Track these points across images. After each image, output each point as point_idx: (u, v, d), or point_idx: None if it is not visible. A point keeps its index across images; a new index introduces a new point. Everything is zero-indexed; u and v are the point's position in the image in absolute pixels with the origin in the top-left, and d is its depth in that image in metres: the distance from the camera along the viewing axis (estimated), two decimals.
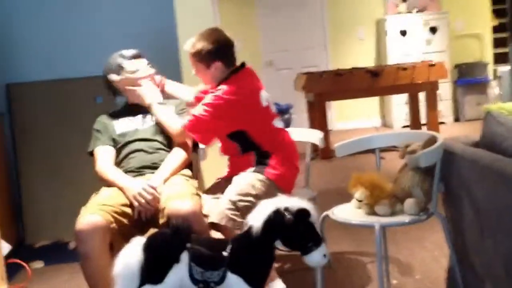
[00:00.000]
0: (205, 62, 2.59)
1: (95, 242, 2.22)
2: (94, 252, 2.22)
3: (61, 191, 3.92)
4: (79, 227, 2.24)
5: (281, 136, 2.66)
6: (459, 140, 2.29)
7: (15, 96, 3.99)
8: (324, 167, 5.73)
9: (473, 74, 8.13)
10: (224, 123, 2.56)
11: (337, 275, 2.92)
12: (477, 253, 2.13)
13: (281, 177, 2.59)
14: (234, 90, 2.53)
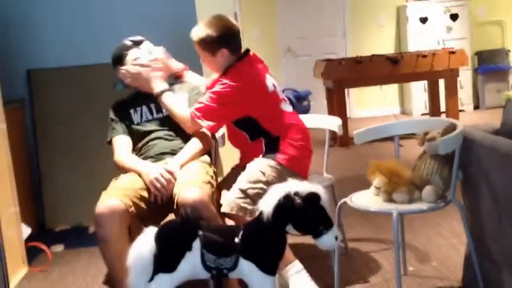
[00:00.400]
0: (211, 50, 2.57)
1: (113, 226, 2.23)
2: (112, 236, 2.24)
3: (81, 176, 3.95)
4: (99, 211, 2.25)
5: (290, 119, 2.62)
6: (479, 127, 2.24)
7: (35, 82, 4.01)
8: (343, 154, 5.69)
9: (494, 61, 7.97)
10: (231, 110, 2.54)
11: (354, 261, 2.90)
12: (496, 241, 2.09)
13: (293, 161, 2.55)
14: (240, 77, 2.52)
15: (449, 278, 2.59)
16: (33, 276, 3.13)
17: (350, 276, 2.70)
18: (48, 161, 4.00)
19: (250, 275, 1.98)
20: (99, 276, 2.99)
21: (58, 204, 3.98)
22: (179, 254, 1.98)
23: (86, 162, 3.95)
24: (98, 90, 3.97)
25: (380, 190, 2.32)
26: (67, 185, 3.97)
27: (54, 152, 3.99)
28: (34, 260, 3.32)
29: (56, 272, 3.15)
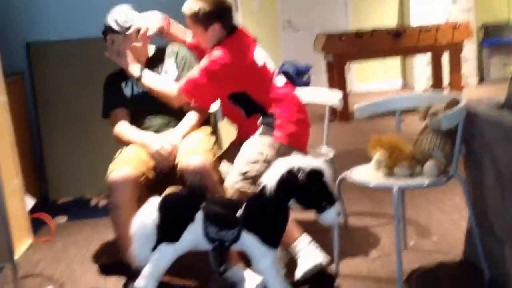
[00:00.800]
0: (203, 24, 2.52)
1: (126, 194, 2.29)
2: (125, 203, 2.29)
3: (83, 149, 3.95)
4: (112, 178, 2.31)
5: (283, 93, 2.58)
6: (483, 101, 2.22)
7: (35, 55, 3.98)
8: (343, 129, 5.67)
9: (500, 35, 7.85)
10: (220, 85, 2.51)
11: (354, 235, 2.90)
12: (498, 216, 2.09)
13: (291, 137, 2.52)
14: (228, 52, 2.47)
15: (450, 252, 2.59)
16: (37, 246, 3.17)
17: (350, 250, 2.71)
18: (49, 134, 4.00)
19: (251, 248, 2.00)
20: (101, 247, 3.05)
21: (60, 176, 3.99)
22: (182, 225, 2.01)
23: (88, 135, 3.95)
24: (99, 63, 3.86)
25: (381, 165, 2.31)
26: (69, 157, 3.98)
27: (55, 124, 3.99)
28: (39, 231, 3.36)
29: (60, 243, 3.19)
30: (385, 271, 2.46)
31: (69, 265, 2.86)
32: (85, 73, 3.96)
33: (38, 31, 3.95)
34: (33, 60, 3.98)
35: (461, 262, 2.48)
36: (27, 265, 2.88)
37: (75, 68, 3.97)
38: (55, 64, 3.97)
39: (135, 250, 2.03)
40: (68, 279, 2.68)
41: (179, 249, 2.03)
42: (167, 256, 2.03)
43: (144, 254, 2.04)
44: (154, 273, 2.04)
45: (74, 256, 2.98)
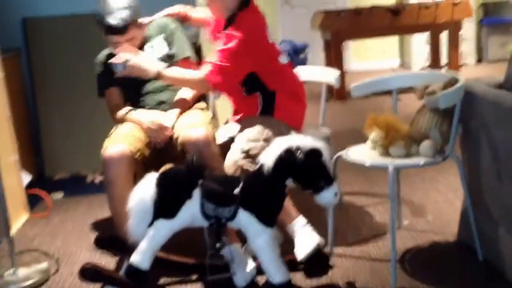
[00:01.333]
0: None
1: (121, 170, 2.28)
2: (120, 179, 2.28)
3: (78, 125, 3.94)
4: (107, 154, 2.29)
5: (286, 73, 2.56)
6: (481, 81, 2.20)
7: (31, 30, 3.94)
8: (339, 108, 5.65)
9: (499, 13, 7.78)
10: (243, 64, 2.42)
11: (349, 215, 2.91)
12: (493, 196, 2.09)
13: (290, 115, 2.51)
14: (247, 28, 2.39)
15: (444, 232, 2.60)
16: (34, 222, 3.18)
17: (345, 229, 2.72)
18: (46, 110, 3.98)
19: (248, 226, 2.01)
20: (97, 223, 3.07)
21: (56, 152, 3.99)
22: (179, 202, 2.01)
23: (84, 112, 3.93)
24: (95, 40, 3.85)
25: (377, 144, 2.30)
26: (65, 134, 3.97)
27: (52, 101, 3.96)
28: (35, 207, 3.37)
29: (56, 219, 3.19)
30: (379, 251, 2.48)
31: (65, 240, 2.87)
32: (81, 49, 3.92)
33: (34, 6, 3.91)
34: (30, 36, 3.94)
35: (455, 242, 2.49)
36: (23, 240, 2.89)
37: (71, 44, 3.93)
38: (52, 40, 3.93)
39: (131, 226, 2.04)
40: (64, 254, 2.69)
41: (176, 225, 2.04)
42: (163, 232, 2.04)
43: (140, 229, 2.04)
44: (149, 248, 2.05)
45: (70, 231, 2.99)
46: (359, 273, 2.29)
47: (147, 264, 2.07)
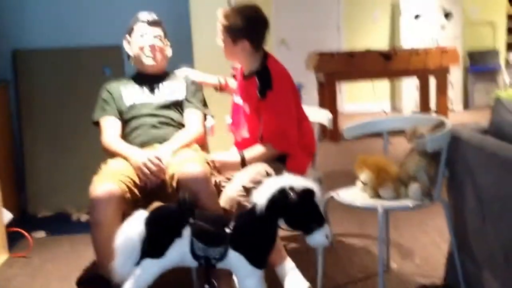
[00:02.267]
0: (233, 38, 2.54)
1: (109, 210, 2.22)
2: (107, 220, 2.22)
3: (65, 162, 3.93)
4: (95, 194, 2.24)
5: (305, 124, 2.67)
6: (467, 126, 2.29)
7: (21, 62, 3.95)
8: (332, 149, 5.74)
9: (484, 62, 8.09)
10: (295, 119, 2.57)
11: (338, 256, 2.95)
12: (478, 240, 2.15)
13: (298, 166, 2.55)
14: (284, 79, 2.55)
15: (431, 275, 2.65)
16: (14, 261, 3.13)
17: (334, 271, 2.76)
18: (32, 146, 3.96)
19: (238, 267, 2.00)
20: (80, 263, 2.97)
21: (41, 190, 3.95)
22: (168, 240, 1.99)
23: (71, 148, 3.93)
24: (85, 73, 3.92)
25: (367, 186, 2.37)
26: (50, 171, 3.95)
27: (38, 136, 3.96)
28: (15, 246, 3.31)
29: (37, 259, 3.15)
30: None
31: (46, 282, 2.83)
32: (71, 82, 3.94)
33: (25, 39, 3.95)
34: (19, 68, 3.96)
35: (442, 286, 2.53)
36: (1, 280, 2.84)
37: (61, 77, 3.95)
38: (41, 72, 3.95)
39: (117, 264, 1.99)
40: None
41: (164, 265, 2.01)
42: (150, 271, 2.00)
43: (126, 268, 2.00)
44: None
45: (51, 272, 2.95)
46: None
47: None
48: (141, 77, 2.74)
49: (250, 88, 2.57)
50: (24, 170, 3.98)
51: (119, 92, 2.69)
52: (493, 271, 2.03)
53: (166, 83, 2.74)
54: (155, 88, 2.71)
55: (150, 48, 2.67)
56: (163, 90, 2.71)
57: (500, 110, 2.08)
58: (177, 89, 2.72)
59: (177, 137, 2.57)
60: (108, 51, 3.93)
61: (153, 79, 2.72)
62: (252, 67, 2.60)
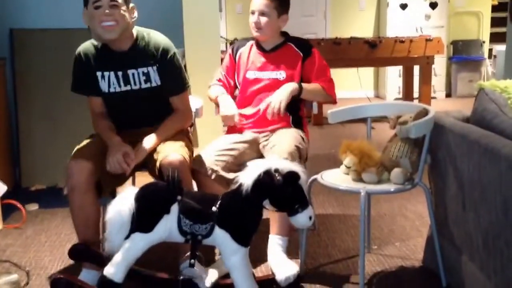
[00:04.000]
0: (279, 12, 2.67)
1: (81, 177, 2.25)
2: (79, 186, 2.25)
3: (58, 137, 3.89)
4: (70, 162, 2.28)
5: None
6: (450, 114, 2.28)
7: (18, 41, 3.91)
8: (316, 133, 5.72)
9: (468, 52, 8.07)
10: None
11: (320, 237, 2.94)
12: (457, 225, 2.14)
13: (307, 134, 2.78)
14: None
15: (411, 258, 2.65)
16: (7, 232, 3.11)
17: (317, 251, 2.75)
18: (27, 121, 3.93)
19: (223, 244, 2.01)
20: (72, 235, 2.97)
21: (34, 163, 3.93)
22: (157, 216, 2.00)
23: (65, 125, 3.90)
24: None
25: (350, 170, 2.35)
26: (44, 145, 3.92)
27: (33, 112, 3.93)
28: (9, 217, 3.31)
29: (30, 230, 3.14)
30: (348, 273, 2.51)
31: (38, 252, 2.83)
32: (65, 63, 3.84)
33: (22, 19, 3.90)
34: (16, 46, 3.91)
35: (421, 267, 2.54)
36: None
37: (56, 57, 3.90)
38: (37, 52, 3.91)
39: (108, 237, 2.02)
40: (36, 266, 2.65)
41: (152, 240, 2.03)
42: (139, 245, 2.02)
43: (116, 241, 2.02)
44: (124, 261, 2.03)
45: (44, 243, 2.94)
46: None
47: (121, 277, 2.04)
48: (112, 55, 2.45)
49: (286, 55, 2.73)
50: (19, 145, 3.94)
51: (93, 73, 2.49)
52: (472, 255, 2.03)
53: (140, 69, 2.44)
54: (129, 75, 2.45)
55: (105, 19, 2.32)
56: (138, 77, 2.46)
57: (483, 99, 2.06)
58: (151, 74, 2.46)
59: (161, 130, 2.46)
60: None
61: (125, 60, 2.44)
62: (277, 40, 2.76)
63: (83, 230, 2.32)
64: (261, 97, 2.70)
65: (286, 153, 2.36)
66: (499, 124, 1.91)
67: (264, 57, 2.75)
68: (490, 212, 1.81)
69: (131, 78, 2.46)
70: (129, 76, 2.45)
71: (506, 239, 1.72)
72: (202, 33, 3.82)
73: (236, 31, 7.49)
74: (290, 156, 2.35)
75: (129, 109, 2.52)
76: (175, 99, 2.54)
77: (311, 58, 2.74)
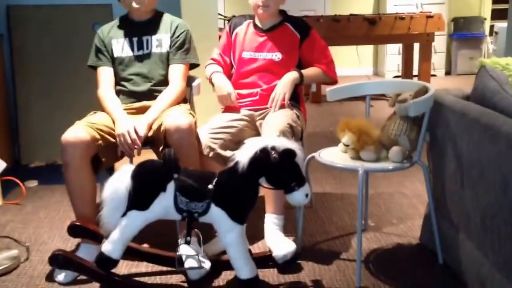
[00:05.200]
0: None
1: (76, 153, 2.24)
2: (74, 162, 2.25)
3: (57, 114, 3.86)
4: (64, 137, 2.28)
5: None
6: (450, 92, 2.23)
7: (14, 17, 3.84)
8: (314, 111, 5.68)
9: (469, 29, 7.96)
10: None
11: (318, 214, 2.92)
12: (455, 203, 2.12)
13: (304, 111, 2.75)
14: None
15: (408, 235, 2.63)
16: (7, 208, 3.11)
17: (314, 228, 2.73)
18: (25, 99, 3.88)
19: (219, 222, 2.00)
20: (71, 212, 2.97)
21: (33, 141, 3.90)
22: (153, 194, 1.99)
23: (63, 101, 3.85)
24: (75, 29, 3.85)
25: (349, 148, 2.31)
26: (43, 122, 3.88)
27: (32, 89, 3.88)
28: (9, 194, 3.30)
29: (29, 206, 3.13)
30: (345, 250, 2.49)
31: (37, 228, 2.82)
32: (63, 39, 3.86)
33: None
34: (13, 23, 3.85)
35: (418, 245, 2.52)
36: None
37: (54, 33, 3.85)
38: (35, 28, 3.84)
39: (105, 214, 2.01)
40: (36, 242, 2.64)
41: (149, 217, 2.02)
42: (136, 223, 2.02)
43: (113, 219, 2.02)
44: (121, 238, 2.03)
45: (43, 219, 2.93)
46: (325, 272, 2.29)
47: (118, 254, 2.06)
48: (131, 24, 2.66)
49: (282, 36, 2.69)
50: (18, 122, 3.90)
51: (110, 45, 2.64)
52: (469, 233, 2.01)
53: (154, 36, 2.63)
54: (143, 41, 2.63)
55: None
56: (151, 42, 2.63)
57: (483, 77, 2.00)
58: (164, 41, 2.63)
59: (159, 102, 2.49)
60: (99, 8, 3.85)
61: (142, 27, 2.63)
62: (275, 20, 2.72)
63: (80, 207, 2.31)
64: (256, 76, 2.67)
65: (277, 131, 2.33)
66: (500, 101, 1.86)
67: (261, 37, 2.71)
68: (489, 190, 1.77)
69: (144, 44, 2.62)
70: (143, 41, 2.62)
71: (504, 218, 1.69)
72: (200, 10, 3.76)
73: (234, 8, 7.38)
74: (282, 134, 2.31)
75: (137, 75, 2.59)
76: (173, 68, 2.61)
77: (309, 39, 2.69)
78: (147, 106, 2.50)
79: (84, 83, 2.76)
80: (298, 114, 2.63)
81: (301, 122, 2.63)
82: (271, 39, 2.69)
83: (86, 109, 2.61)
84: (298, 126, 2.54)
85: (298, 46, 2.68)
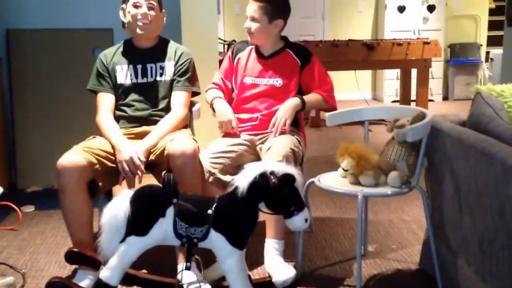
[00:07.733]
0: (270, 17, 2.65)
1: (72, 178, 2.25)
2: (70, 187, 2.26)
3: (54, 138, 3.87)
4: (59, 162, 2.28)
5: None
6: (447, 118, 2.28)
7: (14, 41, 3.90)
8: (313, 135, 5.72)
9: (465, 55, 8.09)
10: None
11: (317, 239, 2.94)
12: (454, 228, 2.14)
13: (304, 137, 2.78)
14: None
15: (407, 260, 2.65)
16: (3, 234, 3.10)
17: (314, 254, 2.74)
18: (23, 123, 3.91)
19: (219, 247, 2.00)
20: (68, 238, 2.96)
21: (30, 165, 3.91)
22: (152, 219, 1.99)
23: (61, 126, 3.88)
24: (75, 54, 3.88)
25: (348, 173, 2.35)
26: (40, 147, 3.90)
27: (29, 113, 3.91)
28: (5, 219, 3.29)
29: (26, 232, 3.12)
30: (345, 276, 2.50)
31: (34, 254, 2.81)
32: (62, 63, 3.90)
33: (18, 19, 3.88)
34: (12, 47, 3.90)
35: (417, 270, 2.54)
36: None
37: (52, 57, 3.90)
38: (34, 52, 3.89)
39: (104, 240, 2.01)
40: (32, 269, 2.63)
41: (148, 243, 2.02)
42: (134, 248, 2.01)
43: (112, 245, 2.02)
44: (120, 264, 2.02)
45: (40, 245, 2.93)
46: None
47: (116, 280, 2.04)
48: (135, 50, 2.68)
49: (283, 62, 2.72)
50: (15, 146, 3.93)
51: (114, 72, 2.65)
52: (468, 258, 2.03)
53: (158, 63, 2.66)
54: (147, 68, 2.65)
55: (142, 17, 2.59)
56: (155, 70, 2.65)
57: (479, 103, 2.06)
58: (167, 69, 2.66)
59: (158, 128, 2.51)
60: (99, 32, 3.90)
61: (146, 54, 2.65)
62: (276, 46, 2.75)
63: (77, 232, 2.32)
64: (257, 101, 2.71)
65: (281, 156, 2.36)
66: (495, 128, 1.91)
67: (262, 64, 2.75)
68: (486, 215, 1.81)
69: (148, 71, 2.64)
70: (147, 69, 2.65)
71: (502, 242, 1.72)
72: (200, 35, 3.82)
73: (234, 33, 7.49)
74: (285, 159, 2.34)
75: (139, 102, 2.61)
76: (176, 95, 2.63)
77: (310, 66, 2.73)
78: (147, 132, 2.52)
79: (82, 107, 2.77)
80: (299, 139, 2.67)
81: (302, 147, 2.66)
82: (273, 65, 2.73)
83: (84, 134, 2.63)
84: (300, 151, 2.58)
85: (298, 72, 2.72)
